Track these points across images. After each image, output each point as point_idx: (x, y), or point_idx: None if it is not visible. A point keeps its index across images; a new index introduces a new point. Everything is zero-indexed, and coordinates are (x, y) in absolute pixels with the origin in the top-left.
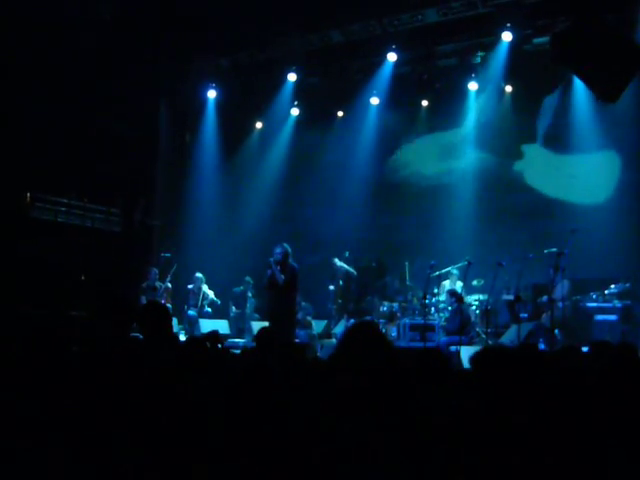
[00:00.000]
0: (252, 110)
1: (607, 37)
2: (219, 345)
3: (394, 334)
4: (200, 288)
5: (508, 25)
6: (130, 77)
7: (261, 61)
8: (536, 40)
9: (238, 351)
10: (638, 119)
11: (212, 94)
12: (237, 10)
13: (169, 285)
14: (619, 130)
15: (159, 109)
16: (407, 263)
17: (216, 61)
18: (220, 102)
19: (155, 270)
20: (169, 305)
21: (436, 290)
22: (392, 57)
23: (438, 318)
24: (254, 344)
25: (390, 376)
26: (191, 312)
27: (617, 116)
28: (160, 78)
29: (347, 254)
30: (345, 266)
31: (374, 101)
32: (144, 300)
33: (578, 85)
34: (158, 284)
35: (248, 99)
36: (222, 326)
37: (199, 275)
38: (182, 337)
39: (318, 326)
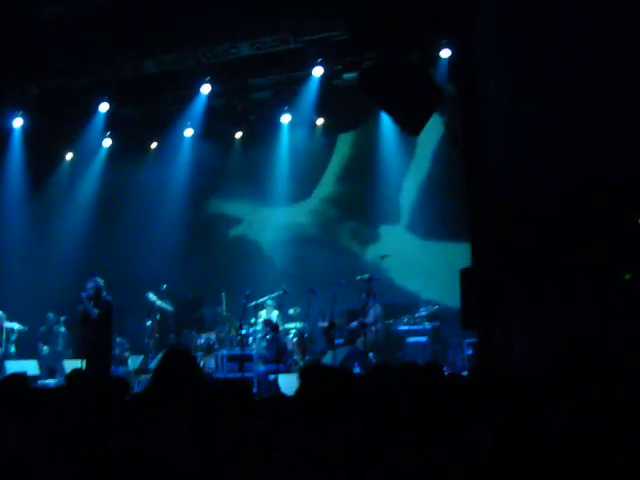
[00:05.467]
0: (62, 140)
1: (410, 74)
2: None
3: (212, 366)
4: (2, 327)
5: (319, 60)
6: None
7: (72, 90)
8: (346, 75)
9: None
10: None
11: (19, 123)
12: (47, 36)
13: None
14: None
15: None
16: (224, 294)
17: (24, 88)
18: (28, 131)
19: None
20: None
21: (253, 320)
22: (206, 89)
23: (256, 348)
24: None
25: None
26: None
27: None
28: None
29: (164, 287)
30: (159, 302)
31: (188, 132)
32: None
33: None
34: None
35: (58, 129)
36: (31, 367)
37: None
38: None
39: (135, 362)
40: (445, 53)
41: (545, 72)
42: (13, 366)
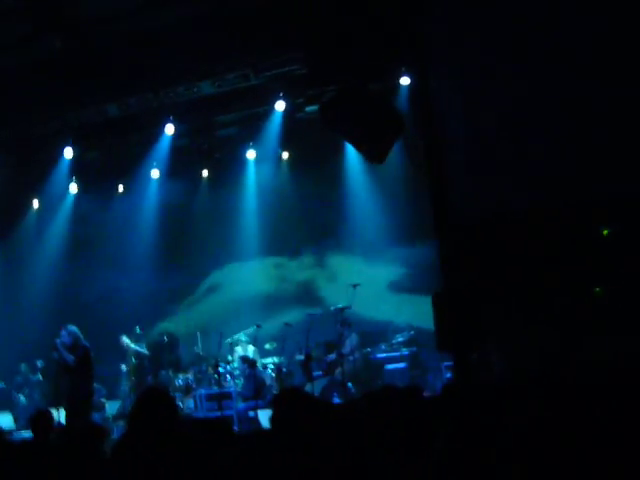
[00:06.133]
0: (28, 187)
1: (371, 104)
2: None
3: (191, 406)
4: None
5: (281, 95)
6: None
7: (35, 136)
8: (308, 108)
9: None
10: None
11: None
12: (10, 83)
13: None
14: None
15: None
16: (199, 333)
17: None
18: None
19: None
20: None
21: (230, 357)
22: (170, 129)
23: (234, 385)
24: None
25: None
26: None
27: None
28: None
29: (138, 329)
30: (133, 346)
31: (155, 173)
32: None
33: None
34: None
35: (23, 176)
36: (5, 420)
37: None
38: None
39: (112, 407)
40: (404, 80)
41: (500, 90)
42: None
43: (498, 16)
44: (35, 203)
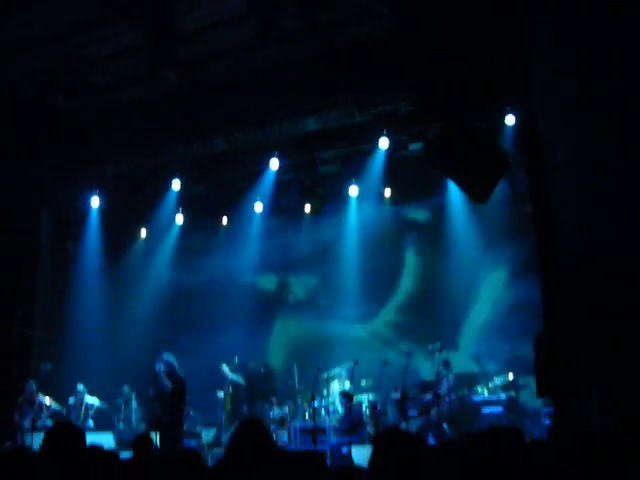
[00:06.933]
0: (136, 218)
1: (475, 143)
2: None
3: (285, 439)
4: (82, 400)
5: (384, 132)
6: (10, 186)
7: (145, 169)
8: (412, 146)
9: None
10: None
11: (96, 202)
12: (122, 119)
13: (46, 400)
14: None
15: (40, 218)
16: (295, 366)
17: (99, 168)
18: (104, 210)
19: (32, 383)
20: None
21: (325, 392)
22: (275, 164)
23: (328, 420)
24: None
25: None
26: None
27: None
28: (42, 187)
29: (236, 360)
30: (231, 376)
31: (258, 208)
32: (17, 416)
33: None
34: (40, 398)
35: (132, 207)
36: (107, 439)
37: (80, 387)
38: None
39: (207, 435)
40: (510, 120)
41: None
42: (91, 439)
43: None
44: (143, 232)
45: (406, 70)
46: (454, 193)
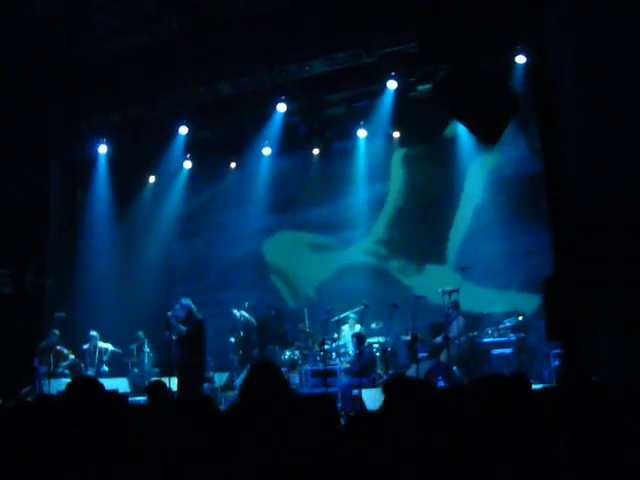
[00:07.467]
0: (144, 164)
1: (484, 83)
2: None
3: (296, 381)
4: (96, 346)
5: (392, 74)
6: (17, 137)
7: (151, 115)
8: (420, 87)
9: None
10: None
11: (103, 149)
12: (127, 65)
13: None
14: None
15: (48, 167)
16: (306, 310)
17: (106, 116)
18: (111, 157)
19: (55, 331)
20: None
21: (336, 335)
22: (282, 107)
23: (339, 363)
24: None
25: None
26: (89, 373)
27: None
28: (48, 136)
29: (246, 304)
30: (246, 315)
31: (266, 151)
32: (37, 362)
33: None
34: (60, 346)
35: (140, 153)
36: (122, 384)
37: (94, 333)
38: None
39: (220, 379)
40: (520, 59)
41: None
42: (106, 384)
43: None
44: (151, 178)
45: (414, 9)
46: (463, 135)
